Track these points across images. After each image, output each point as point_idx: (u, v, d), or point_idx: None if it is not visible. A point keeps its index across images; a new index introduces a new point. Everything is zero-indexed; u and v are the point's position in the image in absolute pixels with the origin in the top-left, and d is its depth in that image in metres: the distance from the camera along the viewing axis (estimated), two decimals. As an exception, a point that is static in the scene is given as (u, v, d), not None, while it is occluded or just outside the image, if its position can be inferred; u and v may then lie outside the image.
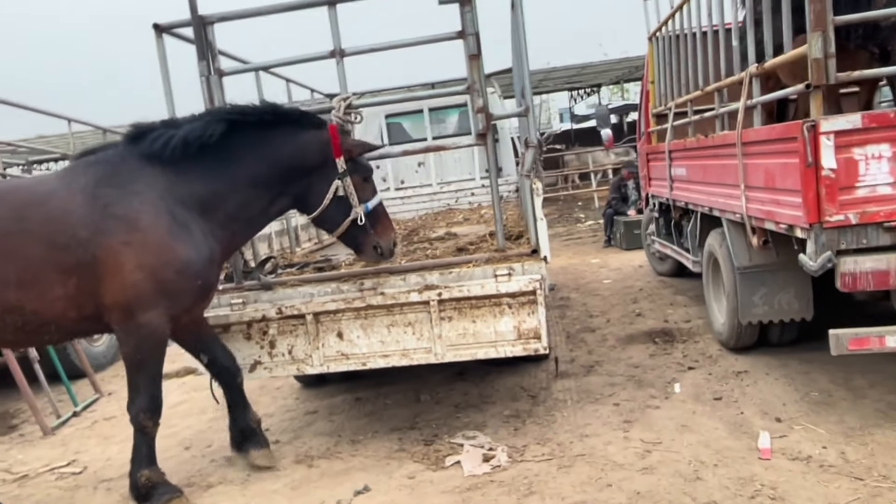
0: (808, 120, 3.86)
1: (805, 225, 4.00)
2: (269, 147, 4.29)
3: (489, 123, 4.68)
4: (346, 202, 4.43)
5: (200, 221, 4.18)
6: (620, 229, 12.55)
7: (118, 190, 4.02)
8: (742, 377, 5.41)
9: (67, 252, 3.88)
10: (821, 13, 3.77)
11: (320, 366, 4.83)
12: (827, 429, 4.36)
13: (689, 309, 7.62)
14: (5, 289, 3.84)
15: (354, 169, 4.44)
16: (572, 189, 22.89)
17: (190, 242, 4.09)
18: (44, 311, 3.93)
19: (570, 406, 5.28)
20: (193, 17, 4.59)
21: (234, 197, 4.28)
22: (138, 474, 4.27)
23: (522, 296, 4.55)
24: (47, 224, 3.89)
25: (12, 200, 3.99)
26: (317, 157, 4.36)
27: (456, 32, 4.62)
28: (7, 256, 3.83)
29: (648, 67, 8.63)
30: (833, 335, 4.08)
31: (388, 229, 4.64)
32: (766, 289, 5.31)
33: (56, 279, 3.88)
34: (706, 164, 5.96)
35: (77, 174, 4.13)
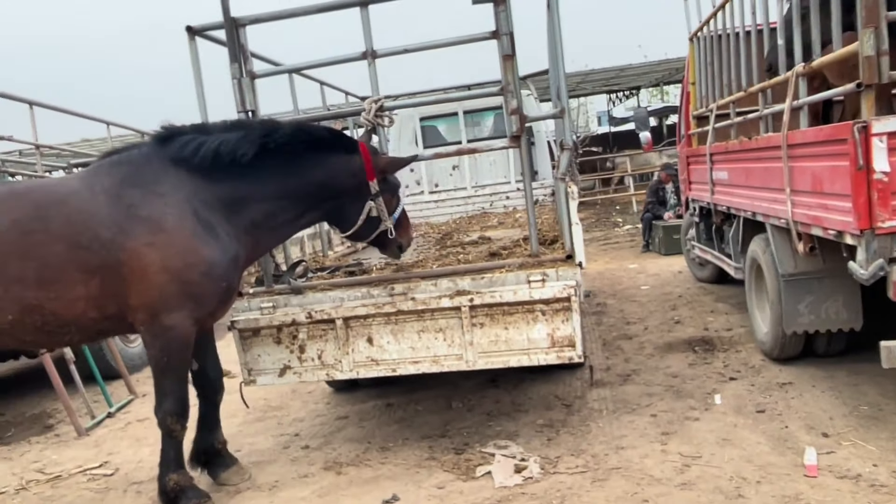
0: (859, 121, 3.69)
1: (855, 231, 3.82)
2: (300, 167, 4.32)
3: (523, 125, 4.57)
4: (377, 218, 4.56)
5: (225, 225, 4.18)
6: (659, 234, 12.31)
7: (143, 191, 4.02)
8: (787, 389, 5.21)
9: (90, 252, 3.89)
10: (873, 8, 3.59)
11: (350, 371, 4.78)
12: (878, 445, 4.16)
13: (730, 317, 7.41)
14: (25, 288, 3.85)
15: (385, 188, 4.55)
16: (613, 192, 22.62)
17: (215, 245, 4.09)
18: (64, 311, 3.93)
19: (606, 416, 5.14)
20: (226, 19, 4.57)
21: (260, 206, 4.31)
22: (167, 478, 4.27)
23: (556, 302, 4.45)
24: (69, 224, 3.90)
25: (34, 199, 4.01)
26: (350, 180, 4.45)
27: (490, 32, 4.53)
28: (27, 255, 3.85)
29: (689, 68, 8.44)
30: (885, 347, 3.90)
31: (408, 229, 4.89)
32: (812, 297, 5.13)
33: (77, 279, 3.89)
34: (749, 167, 5.78)
35: (101, 174, 4.13)
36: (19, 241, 3.85)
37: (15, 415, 7.25)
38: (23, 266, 3.84)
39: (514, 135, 4.62)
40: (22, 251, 3.84)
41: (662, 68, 21.92)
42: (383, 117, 4.60)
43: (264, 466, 4.97)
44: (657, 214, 12.76)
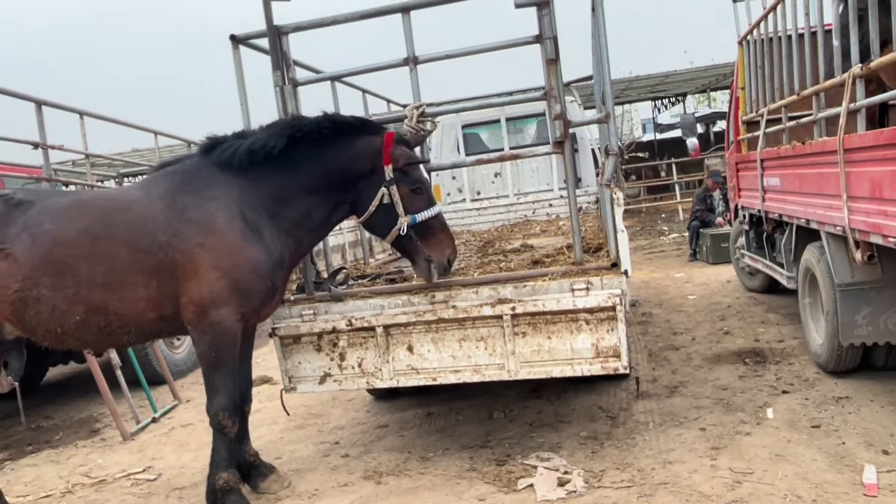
0: (922, 122, 3.52)
1: (919, 238, 3.64)
2: (326, 157, 4.38)
3: (567, 130, 4.49)
4: (393, 212, 4.41)
5: (269, 227, 4.31)
6: (707, 242, 12.05)
7: (194, 196, 4.22)
8: (843, 403, 5.01)
9: (149, 255, 4.08)
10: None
11: (390, 379, 4.74)
12: (943, 464, 3.96)
13: (782, 328, 7.19)
14: (92, 290, 4.07)
15: (402, 179, 4.40)
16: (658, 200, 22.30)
17: (261, 245, 4.23)
18: (125, 311, 4.13)
19: (653, 429, 5.01)
20: (269, 27, 4.60)
21: (296, 205, 4.40)
22: (216, 477, 4.29)
23: (601, 311, 4.35)
24: (131, 229, 4.11)
25: (101, 207, 4.27)
26: (367, 163, 4.39)
27: (533, 37, 4.47)
28: (95, 259, 4.07)
29: (738, 73, 8.25)
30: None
31: (441, 244, 4.51)
32: (870, 308, 4.95)
33: (139, 281, 4.09)
34: (803, 172, 5.60)
35: (157, 183, 4.36)
36: (89, 246, 4.08)
37: (63, 419, 7.40)
38: (91, 270, 4.06)
39: (558, 140, 4.54)
40: (91, 256, 4.07)
41: (709, 74, 21.52)
42: (425, 122, 4.56)
43: (304, 474, 4.96)
44: (705, 221, 12.51)
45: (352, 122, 4.48)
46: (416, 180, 4.49)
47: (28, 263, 4.05)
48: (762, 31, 6.93)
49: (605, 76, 4.65)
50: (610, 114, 4.63)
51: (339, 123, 4.42)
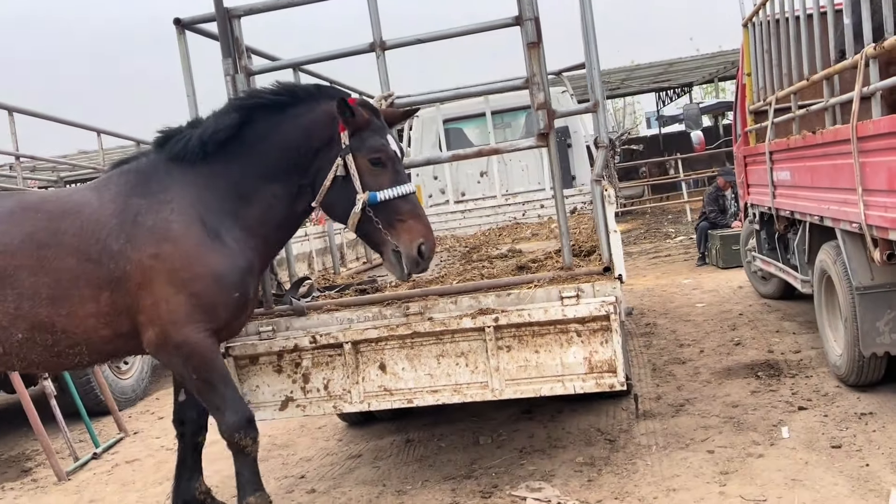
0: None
1: (942, 233, 3.62)
2: (282, 133, 4.19)
3: (551, 121, 4.45)
4: (351, 188, 4.11)
5: (234, 230, 4.16)
6: (716, 245, 12.07)
7: (149, 199, 4.08)
8: (866, 420, 4.99)
9: (99, 265, 3.95)
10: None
11: (360, 403, 4.66)
12: (976, 486, 3.93)
13: (798, 337, 7.19)
14: (36, 304, 3.91)
15: (359, 147, 4.10)
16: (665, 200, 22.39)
17: (224, 252, 4.08)
18: (74, 328, 3.98)
19: (655, 453, 4.96)
20: (218, 9, 4.56)
21: (258, 197, 4.22)
22: (244, 502, 4.21)
23: (593, 321, 4.29)
24: (79, 235, 3.97)
25: (48, 211, 4.08)
26: (324, 132, 4.15)
27: (513, 18, 4.45)
28: (40, 270, 3.92)
29: (744, 58, 8.28)
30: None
31: (410, 231, 4.10)
32: (893, 313, 4.97)
33: (88, 294, 3.95)
34: (815, 164, 5.60)
35: (110, 184, 4.22)
36: (33, 254, 3.93)
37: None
38: (35, 281, 3.92)
39: (542, 132, 4.50)
40: (35, 265, 3.92)
41: (716, 62, 21.71)
42: None
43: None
44: (714, 222, 12.52)
45: (308, 88, 4.35)
46: (376, 149, 4.11)
47: None
48: (768, 12, 6.95)
49: (592, 61, 4.62)
50: (599, 102, 4.58)
51: (293, 91, 4.27)
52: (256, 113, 4.19)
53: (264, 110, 4.20)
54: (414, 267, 4.15)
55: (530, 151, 8.67)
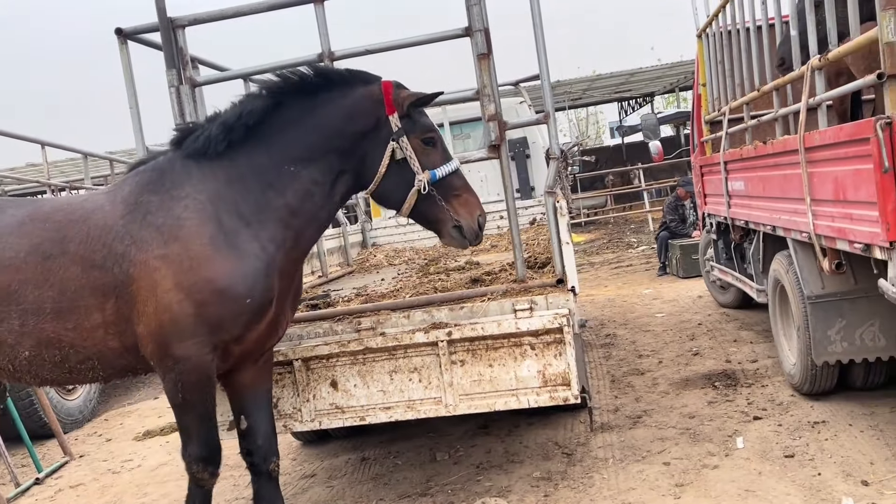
0: (882, 116, 3.59)
1: (884, 243, 3.70)
2: (319, 116, 4.01)
3: (502, 133, 4.49)
4: (408, 169, 4.03)
5: (256, 226, 3.89)
6: (677, 255, 12.22)
7: (161, 195, 3.83)
8: (819, 429, 5.07)
9: (104, 271, 3.70)
10: (894, -13, 3.51)
11: (311, 421, 4.63)
12: (926, 493, 4.01)
13: (755, 346, 7.29)
14: (41, 319, 3.70)
15: (412, 128, 4.06)
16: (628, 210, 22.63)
17: (235, 254, 3.79)
18: (82, 343, 3.76)
19: (612, 466, 4.99)
20: (161, 20, 4.51)
21: (292, 184, 3.97)
22: None
23: (547, 334, 4.32)
24: (85, 242, 3.74)
25: (57, 220, 3.85)
26: (368, 117, 4.03)
27: (462, 29, 4.48)
28: (44, 283, 3.70)
29: (699, 69, 8.43)
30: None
31: (469, 204, 4.14)
32: (844, 321, 5.03)
33: (93, 304, 3.71)
34: (766, 175, 5.71)
35: (125, 185, 3.98)
36: (38, 267, 3.71)
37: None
38: (39, 295, 3.69)
39: (494, 144, 4.53)
40: (40, 279, 3.70)
41: (677, 72, 22.04)
42: None
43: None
44: (675, 231, 12.69)
45: (341, 71, 4.18)
46: (428, 128, 4.13)
47: None
48: (721, 24, 7.08)
49: (543, 72, 4.66)
50: (550, 114, 4.62)
51: (327, 74, 4.12)
52: (287, 97, 4.00)
53: (296, 94, 4.02)
54: (475, 238, 4.19)
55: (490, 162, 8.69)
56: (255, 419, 4.20)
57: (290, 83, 4.02)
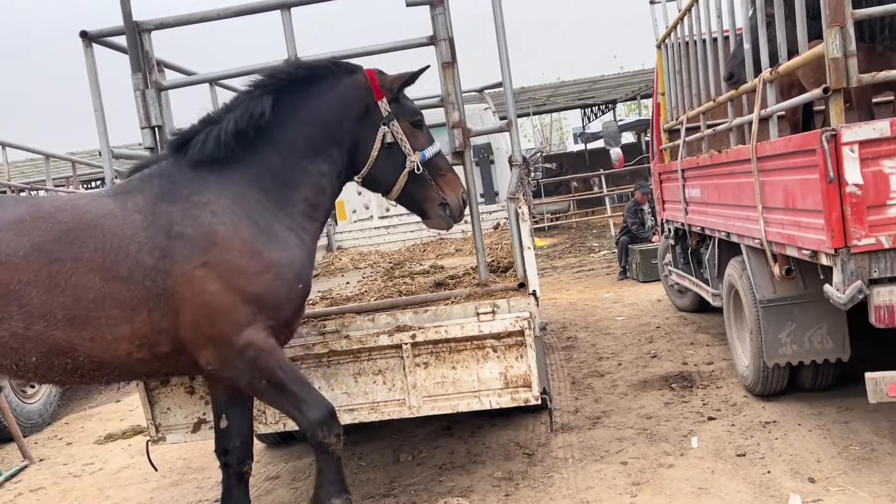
0: (826, 129, 3.73)
1: (829, 250, 3.84)
2: (314, 108, 4.10)
3: (466, 139, 4.56)
4: (399, 152, 4.18)
5: (287, 221, 3.97)
6: (636, 259, 12.42)
7: (181, 205, 3.80)
8: (770, 429, 5.20)
9: (130, 284, 3.64)
10: (838, 6, 3.66)
11: (275, 424, 4.65)
12: (870, 491, 4.14)
13: (711, 349, 7.44)
14: (51, 327, 3.58)
15: (400, 112, 4.21)
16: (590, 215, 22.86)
17: (279, 245, 3.88)
18: (101, 353, 3.69)
19: (571, 466, 5.08)
20: (127, 23, 4.49)
21: (306, 180, 4.07)
22: (333, 495, 3.93)
23: (508, 337, 4.39)
24: (102, 251, 3.65)
25: (62, 221, 3.73)
26: (359, 104, 4.14)
27: (427, 38, 4.53)
28: (54, 288, 3.58)
29: (658, 78, 8.58)
30: (871, 379, 3.92)
31: (453, 183, 4.33)
32: (794, 325, 5.16)
33: (119, 316, 3.64)
34: (721, 182, 5.85)
35: (133, 191, 3.91)
36: (43, 270, 3.58)
37: None
38: (48, 300, 3.57)
39: (457, 150, 4.59)
40: (47, 282, 3.57)
41: (638, 80, 22.34)
42: None
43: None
44: (636, 235, 12.90)
45: (324, 62, 4.24)
46: (415, 111, 4.30)
47: None
48: (679, 35, 7.23)
49: (506, 80, 4.74)
50: (512, 121, 4.71)
51: (315, 67, 4.17)
52: (283, 94, 4.04)
53: (290, 90, 4.07)
54: (459, 216, 4.37)
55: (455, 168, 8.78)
56: (234, 420, 4.20)
57: (283, 79, 4.08)
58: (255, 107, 3.95)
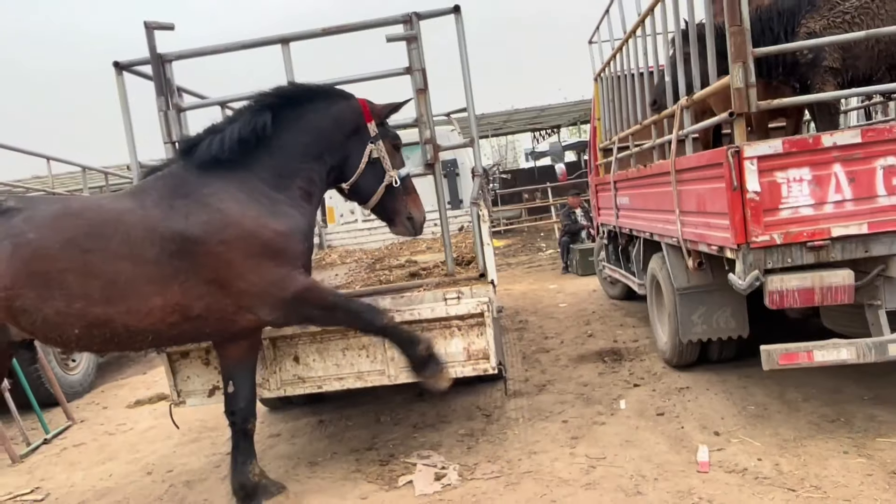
0: (732, 146, 3.77)
1: (733, 246, 3.89)
2: (314, 122, 4.09)
3: (436, 154, 4.55)
4: (380, 167, 4.21)
5: (289, 201, 3.96)
6: (576, 256, 12.48)
7: (193, 197, 3.77)
8: (684, 393, 5.25)
9: (160, 265, 3.63)
10: (741, 45, 3.70)
11: (277, 389, 4.60)
12: (762, 441, 4.21)
13: (637, 329, 7.49)
14: (90, 305, 3.56)
15: (385, 134, 4.27)
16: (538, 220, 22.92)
17: (285, 216, 3.88)
18: (137, 322, 3.66)
19: (522, 424, 5.08)
20: (152, 55, 4.41)
21: (300, 175, 4.05)
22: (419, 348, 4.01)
23: (471, 318, 4.39)
24: (127, 242, 3.62)
25: (88, 218, 3.70)
26: (351, 124, 4.17)
27: (403, 68, 4.50)
28: (88, 273, 3.56)
29: (595, 105, 8.63)
30: (764, 351, 3.96)
31: (418, 202, 4.40)
32: (704, 308, 5.19)
33: (151, 291, 3.63)
34: (646, 192, 5.88)
35: (149, 190, 3.87)
36: (77, 259, 3.56)
37: (-51, 444, 6.73)
38: (84, 284, 3.55)
39: (429, 163, 4.58)
40: (82, 269, 3.55)
41: (579, 108, 22.40)
42: None
43: (194, 485, 4.73)
44: (573, 232, 12.99)
45: (323, 86, 4.24)
46: (396, 136, 4.37)
47: (8, 273, 3.49)
48: (612, 69, 7.28)
49: (469, 105, 4.74)
50: (475, 139, 4.71)
51: (316, 90, 4.17)
52: (284, 109, 4.04)
53: (291, 106, 4.07)
54: (420, 229, 4.44)
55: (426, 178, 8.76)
56: (239, 385, 4.17)
57: (286, 97, 4.07)
58: (258, 121, 3.93)
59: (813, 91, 4.70)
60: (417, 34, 4.38)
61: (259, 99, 4.05)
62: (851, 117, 7.71)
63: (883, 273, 3.88)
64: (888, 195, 3.73)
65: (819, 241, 3.76)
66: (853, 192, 3.74)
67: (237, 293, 3.75)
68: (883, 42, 4.58)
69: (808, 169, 3.72)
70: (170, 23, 4.39)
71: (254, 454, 4.26)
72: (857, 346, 3.81)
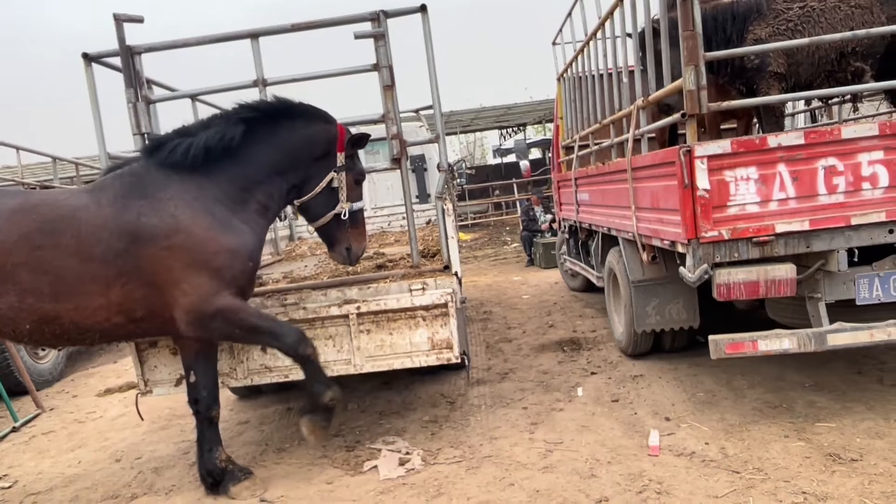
0: (684, 146, 3.83)
1: (684, 241, 3.95)
2: (286, 140, 4.04)
3: (403, 149, 4.53)
4: (335, 196, 4.20)
5: (242, 215, 3.91)
6: (539, 250, 12.56)
7: (149, 199, 3.71)
8: (638, 380, 5.33)
9: (105, 264, 3.59)
10: (693, 50, 3.75)
11: (244, 378, 4.55)
12: (710, 426, 4.30)
13: (595, 320, 7.57)
14: (40, 301, 3.55)
15: (351, 167, 4.25)
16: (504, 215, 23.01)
17: (234, 232, 3.83)
18: (84, 320, 3.64)
19: (484, 410, 5.10)
20: (121, 47, 4.31)
21: (261, 189, 4.02)
22: (322, 396, 3.97)
23: (435, 308, 4.40)
24: (78, 238, 3.58)
25: (43, 213, 3.64)
26: (322, 147, 4.14)
27: (371, 65, 4.47)
28: (39, 269, 3.53)
29: (558, 104, 8.67)
30: (712, 341, 4.04)
31: (362, 236, 4.40)
32: (657, 300, 5.27)
33: (95, 290, 3.60)
34: (604, 188, 5.93)
35: (106, 188, 3.80)
36: (30, 254, 3.52)
37: (-85, 433, 6.51)
38: (35, 280, 3.52)
39: (395, 158, 4.56)
40: (34, 265, 3.52)
41: (544, 107, 22.52)
42: None
43: (163, 472, 4.65)
44: (532, 229, 13.09)
45: (306, 106, 4.18)
46: (362, 172, 4.37)
47: None
48: (574, 70, 7.31)
49: (435, 102, 4.72)
50: (440, 135, 4.69)
51: (292, 106, 4.10)
52: (259, 123, 3.99)
53: (267, 120, 4.01)
54: (356, 261, 4.46)
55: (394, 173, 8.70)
56: (201, 375, 4.14)
57: (266, 112, 4.01)
58: (228, 132, 3.89)
59: (759, 95, 4.78)
60: (385, 32, 4.35)
61: (237, 111, 4.00)
62: (799, 120, 7.88)
63: (823, 267, 3.98)
64: (828, 194, 3.83)
65: (764, 236, 3.83)
66: (796, 190, 3.82)
67: (170, 300, 3.71)
68: (823, 49, 4.69)
69: (755, 168, 3.80)
70: (139, 15, 4.30)
71: (219, 441, 4.21)
72: (798, 336, 3.91)
